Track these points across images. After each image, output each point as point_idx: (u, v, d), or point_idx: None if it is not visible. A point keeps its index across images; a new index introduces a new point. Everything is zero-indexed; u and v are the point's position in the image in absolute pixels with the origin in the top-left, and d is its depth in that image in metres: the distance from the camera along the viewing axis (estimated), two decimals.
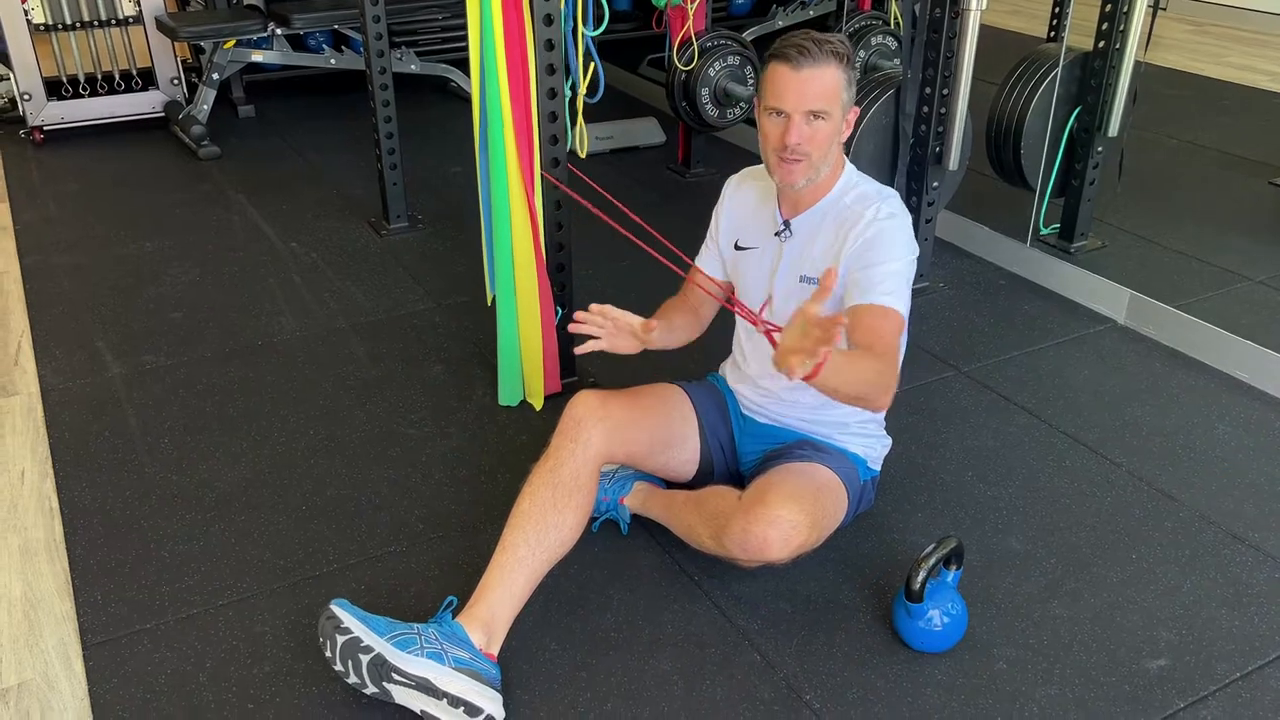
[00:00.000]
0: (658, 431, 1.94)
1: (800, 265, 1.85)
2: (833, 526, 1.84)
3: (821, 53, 1.69)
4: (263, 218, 3.52)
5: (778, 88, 1.71)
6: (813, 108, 1.70)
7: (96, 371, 2.58)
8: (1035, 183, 3.06)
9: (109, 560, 1.94)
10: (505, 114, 2.15)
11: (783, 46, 1.71)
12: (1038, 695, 1.65)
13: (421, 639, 1.59)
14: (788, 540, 1.69)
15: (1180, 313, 2.67)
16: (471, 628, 1.63)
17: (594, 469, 1.80)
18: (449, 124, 4.40)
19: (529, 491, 1.76)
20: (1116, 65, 2.87)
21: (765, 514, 1.69)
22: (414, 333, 2.77)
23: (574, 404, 1.85)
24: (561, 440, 1.81)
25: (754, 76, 3.63)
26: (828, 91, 1.70)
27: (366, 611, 1.62)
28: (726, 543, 1.74)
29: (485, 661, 1.62)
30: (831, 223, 1.82)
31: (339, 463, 2.23)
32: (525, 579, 1.70)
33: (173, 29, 4.09)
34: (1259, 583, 1.88)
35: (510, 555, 1.70)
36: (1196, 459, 2.23)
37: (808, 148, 1.73)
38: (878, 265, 1.73)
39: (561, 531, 1.73)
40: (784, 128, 1.72)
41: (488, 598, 1.68)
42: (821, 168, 1.77)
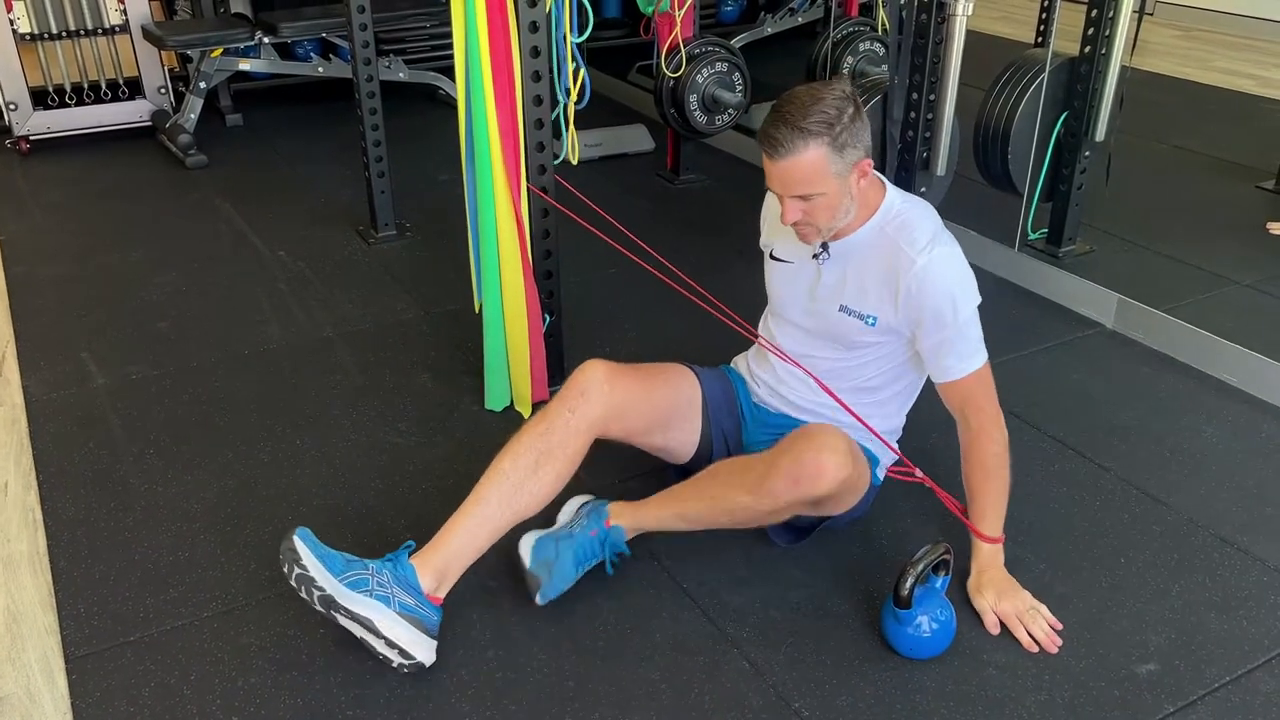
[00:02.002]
0: (660, 411, 1.94)
1: (841, 295, 1.86)
2: (861, 484, 1.84)
3: (797, 138, 1.65)
4: (250, 226, 3.50)
5: (767, 172, 1.73)
6: (797, 193, 1.71)
7: (81, 382, 2.57)
8: (1023, 188, 3.06)
9: (93, 572, 1.93)
10: (491, 121, 2.15)
11: (763, 130, 1.69)
12: (1028, 701, 1.65)
13: (374, 579, 1.66)
14: (841, 466, 1.71)
15: (1168, 317, 2.68)
16: (424, 572, 1.69)
17: (585, 440, 1.81)
18: (437, 132, 4.39)
19: (513, 449, 1.78)
20: (1103, 70, 2.88)
21: (816, 442, 1.73)
22: (402, 341, 2.76)
23: (581, 371, 1.86)
24: (560, 406, 1.81)
25: (742, 83, 3.63)
26: (808, 176, 1.68)
27: (327, 548, 1.67)
28: (773, 482, 1.72)
29: (429, 608, 1.68)
30: (876, 256, 1.81)
31: (326, 472, 2.21)
32: (488, 534, 1.75)
33: (159, 38, 4.08)
34: (1248, 586, 1.88)
35: (480, 509, 1.74)
36: (1185, 463, 2.23)
37: (808, 219, 1.75)
38: (950, 329, 1.77)
39: (535, 495, 1.76)
40: (782, 206, 1.75)
41: (447, 546, 1.72)
42: (837, 225, 1.79)
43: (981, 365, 1.82)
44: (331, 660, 1.72)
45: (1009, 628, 1.77)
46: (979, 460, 1.83)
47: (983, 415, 1.83)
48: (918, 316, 1.79)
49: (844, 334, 1.88)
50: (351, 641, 1.71)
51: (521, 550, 1.82)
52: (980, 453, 1.83)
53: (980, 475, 1.84)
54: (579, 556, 1.82)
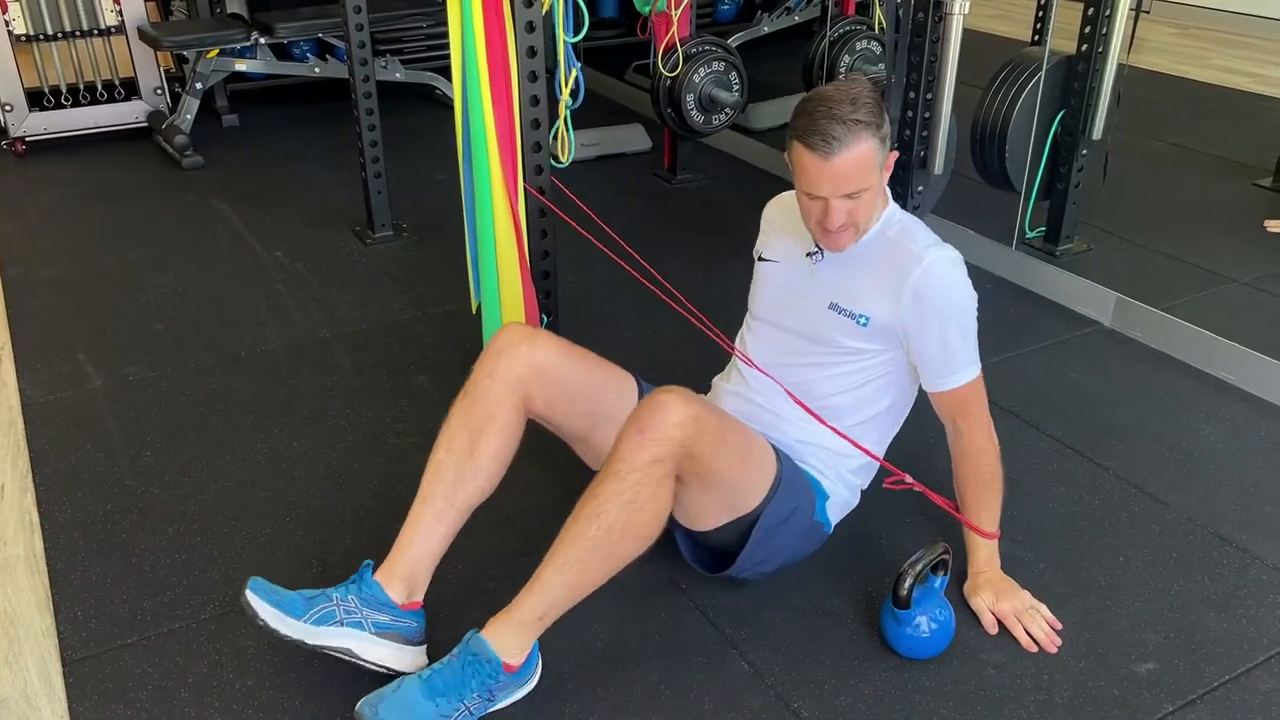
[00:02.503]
0: (585, 390, 1.79)
1: (834, 293, 1.78)
2: (735, 460, 1.65)
3: (850, 133, 1.58)
4: (247, 227, 3.50)
5: (810, 176, 1.63)
6: (849, 191, 1.63)
7: (78, 384, 2.56)
8: (1020, 186, 3.06)
9: (90, 575, 1.92)
10: (488, 122, 2.14)
11: (808, 131, 1.59)
12: (1026, 701, 1.65)
13: (340, 608, 1.61)
14: (685, 403, 1.54)
15: (1166, 315, 2.67)
16: (392, 584, 1.64)
17: (514, 404, 1.70)
18: (434, 131, 4.38)
19: (444, 437, 1.70)
20: (1100, 68, 2.88)
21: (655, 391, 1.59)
22: (399, 342, 2.75)
23: (498, 334, 1.76)
24: (478, 375, 1.72)
25: (739, 82, 3.63)
26: (862, 170, 1.61)
27: (283, 592, 1.62)
28: (621, 446, 1.53)
29: (406, 616, 1.64)
30: (878, 259, 1.75)
31: (323, 474, 2.21)
32: (445, 531, 1.68)
33: (155, 38, 4.07)
34: (1246, 585, 1.88)
35: (429, 508, 1.67)
36: (1183, 461, 2.23)
37: (851, 221, 1.68)
38: (952, 333, 1.72)
39: (479, 479, 1.69)
40: (823, 209, 1.65)
41: (407, 553, 1.67)
42: (870, 226, 1.74)
43: (977, 375, 1.78)
44: (331, 662, 1.71)
45: (1008, 627, 1.76)
46: (973, 471, 1.81)
47: (975, 425, 1.79)
48: (919, 318, 1.72)
49: (828, 335, 1.79)
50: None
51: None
52: (974, 464, 1.80)
53: (975, 486, 1.82)
54: (433, 689, 1.53)
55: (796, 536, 1.80)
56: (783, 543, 1.78)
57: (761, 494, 1.71)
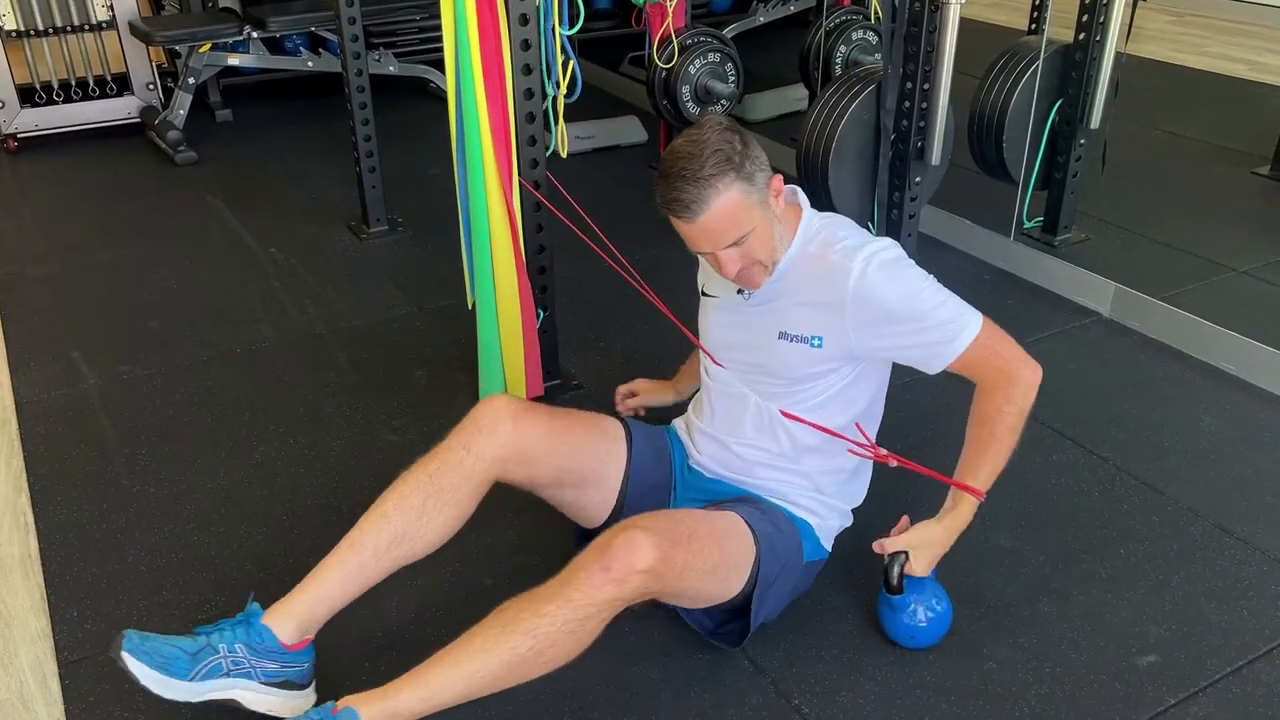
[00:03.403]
0: (572, 462, 1.73)
1: (779, 322, 1.68)
2: (708, 570, 1.58)
3: (706, 189, 1.50)
4: (241, 223, 3.48)
5: (686, 238, 1.59)
6: (725, 242, 1.55)
7: (72, 383, 2.54)
8: (1018, 176, 3.05)
9: (85, 575, 1.91)
10: (482, 115, 2.12)
11: (666, 198, 1.54)
12: (1028, 695, 1.64)
13: (227, 661, 1.54)
14: (658, 540, 1.48)
15: (1165, 305, 2.66)
16: (283, 625, 1.57)
17: (482, 483, 1.64)
18: (429, 125, 4.36)
19: (398, 490, 1.62)
20: (1097, 57, 2.86)
21: (625, 523, 1.53)
22: (395, 338, 2.74)
23: (483, 404, 1.68)
24: (453, 443, 1.64)
25: (735, 74, 3.61)
26: (734, 221, 1.54)
27: (162, 646, 1.53)
28: (581, 574, 1.46)
29: (296, 659, 1.58)
30: (808, 279, 1.65)
31: (320, 471, 2.20)
32: (360, 585, 1.60)
33: (147, 33, 4.04)
34: (1248, 576, 1.87)
35: (354, 556, 1.59)
36: (1183, 452, 2.22)
37: (749, 261, 1.59)
38: (923, 322, 1.61)
39: (416, 544, 1.61)
40: (714, 262, 1.60)
41: (313, 594, 1.59)
42: (779, 255, 1.64)
43: (979, 327, 1.63)
44: (326, 662, 1.70)
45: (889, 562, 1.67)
46: (984, 415, 1.66)
47: (1005, 375, 1.63)
48: (878, 326, 1.62)
49: (788, 364, 1.69)
50: (346, 643, 1.70)
51: None
52: (990, 408, 1.64)
53: (984, 431, 1.66)
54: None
55: (793, 583, 1.75)
56: (781, 591, 1.72)
57: (743, 580, 1.64)
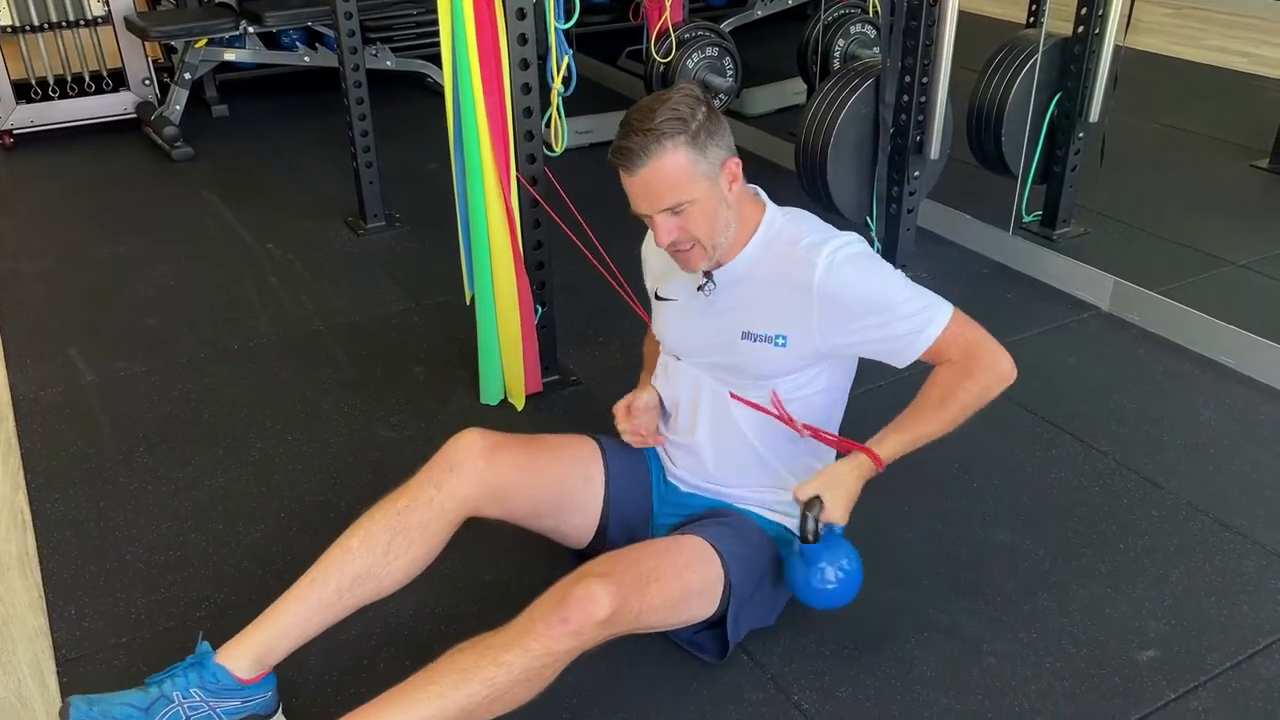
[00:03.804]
0: (548, 492, 1.70)
1: (741, 321, 1.63)
2: (670, 606, 1.54)
3: (650, 142, 1.47)
4: (238, 219, 3.47)
5: (628, 193, 1.55)
6: (666, 205, 1.51)
7: (69, 380, 2.54)
8: (1017, 170, 3.04)
9: (83, 573, 1.91)
10: (479, 110, 2.12)
11: (613, 148, 1.51)
12: (1028, 690, 1.64)
13: (185, 707, 1.51)
14: (617, 589, 1.44)
15: (1164, 298, 2.66)
16: (237, 662, 1.53)
17: (452, 521, 1.60)
18: (426, 120, 4.34)
19: (364, 526, 1.58)
20: (1096, 50, 2.85)
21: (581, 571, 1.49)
22: (393, 334, 2.73)
23: (455, 441, 1.64)
24: (424, 480, 1.60)
25: (733, 68, 3.60)
26: (674, 181, 1.49)
27: (113, 697, 1.51)
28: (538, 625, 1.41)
29: (257, 691, 1.55)
30: (771, 274, 1.60)
31: (318, 468, 2.19)
32: (321, 622, 1.57)
33: (142, 29, 4.03)
34: (1247, 571, 1.87)
35: (316, 592, 1.55)
36: (1182, 446, 2.22)
37: (687, 236, 1.55)
38: (890, 314, 1.56)
39: (381, 582, 1.57)
40: (654, 227, 1.56)
41: (269, 632, 1.55)
42: (721, 240, 1.58)
43: (949, 316, 1.57)
44: (325, 659, 1.70)
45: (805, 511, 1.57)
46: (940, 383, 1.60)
47: (969, 356, 1.58)
48: (845, 322, 1.57)
49: (753, 364, 1.64)
50: (341, 641, 1.70)
51: None
52: (950, 379, 1.59)
53: (934, 395, 1.60)
54: None
55: (778, 591, 1.72)
56: (764, 602, 1.70)
57: (713, 604, 1.60)
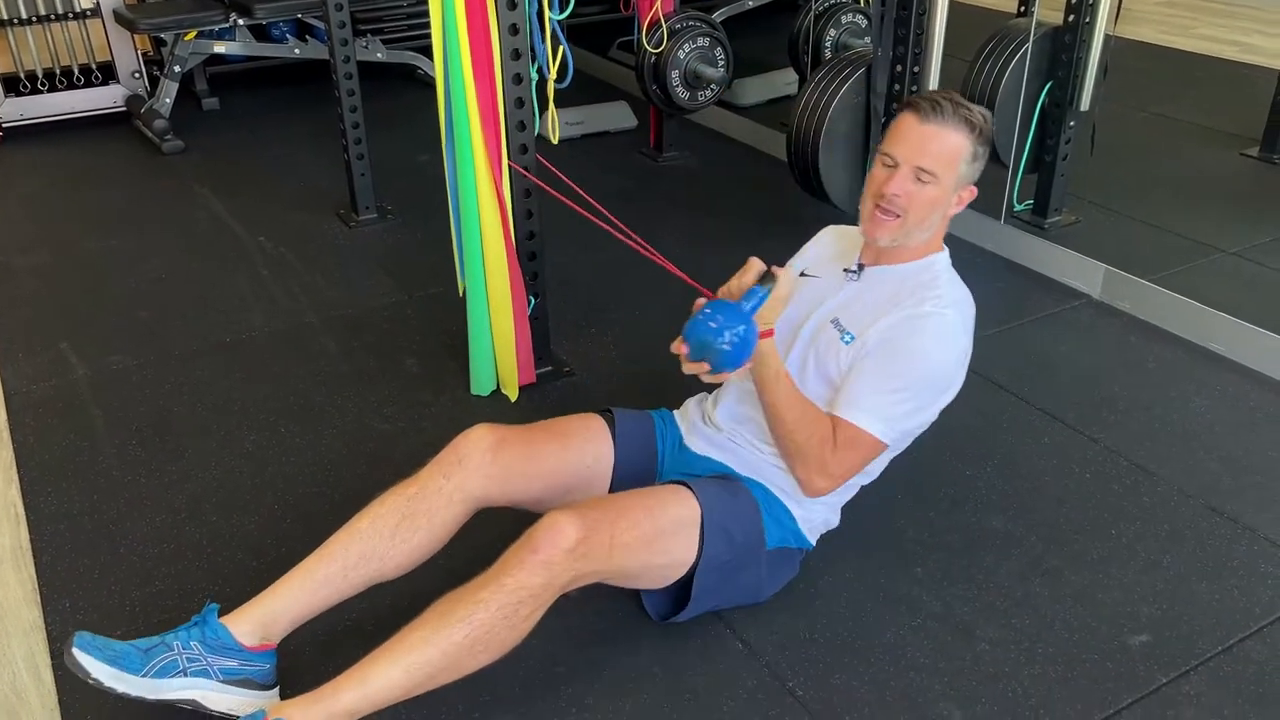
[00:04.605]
0: (557, 478, 1.75)
1: (842, 311, 1.71)
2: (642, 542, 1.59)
3: (954, 114, 1.60)
4: (229, 212, 3.46)
5: (897, 135, 1.64)
6: (924, 165, 1.61)
7: (61, 374, 2.53)
8: (1008, 159, 3.05)
9: (77, 566, 1.91)
10: (470, 101, 2.11)
11: (921, 99, 1.63)
12: (1021, 675, 1.65)
13: (183, 656, 1.53)
14: (580, 521, 1.50)
15: (1155, 286, 2.67)
16: (241, 627, 1.57)
17: (459, 512, 1.66)
18: (417, 112, 4.33)
19: (375, 510, 1.64)
20: (1087, 39, 2.86)
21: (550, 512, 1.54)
22: (385, 326, 2.73)
23: (464, 436, 1.71)
24: (434, 471, 1.67)
25: (724, 58, 3.60)
26: (945, 154, 1.61)
27: (115, 645, 1.53)
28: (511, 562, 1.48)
29: (257, 659, 1.57)
30: (898, 292, 1.68)
31: (311, 460, 2.19)
32: (326, 598, 1.61)
33: (131, 21, 4.01)
34: (1238, 555, 1.88)
35: (322, 568, 1.60)
36: (1173, 433, 2.23)
37: (905, 204, 1.63)
38: (894, 369, 1.62)
39: (386, 564, 1.62)
40: (889, 176, 1.63)
41: (276, 602, 1.59)
42: (915, 233, 1.66)
43: (875, 436, 1.62)
44: (322, 650, 1.71)
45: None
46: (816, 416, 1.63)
47: (836, 448, 1.62)
48: (878, 347, 1.64)
49: (821, 350, 1.70)
50: (341, 631, 1.70)
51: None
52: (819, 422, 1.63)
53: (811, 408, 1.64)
54: None
55: (758, 569, 1.73)
56: (741, 583, 1.72)
57: (685, 563, 1.64)
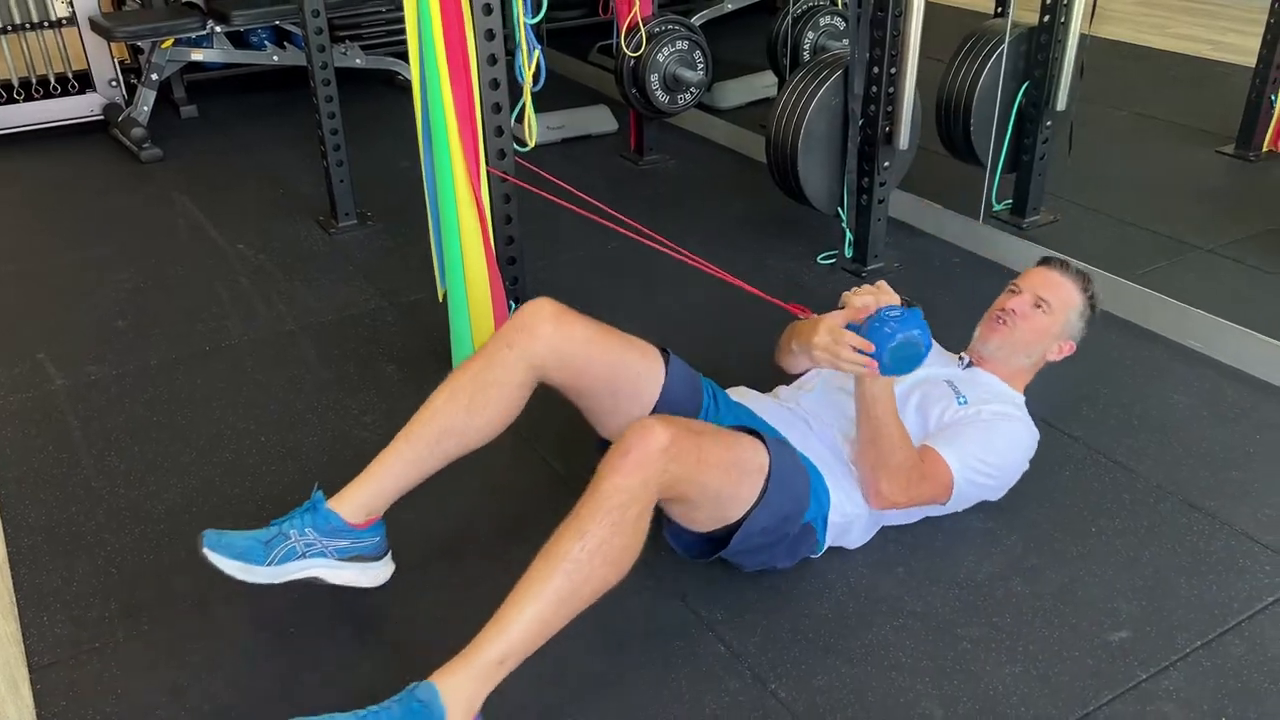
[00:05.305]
0: (610, 372, 1.77)
1: (954, 378, 1.96)
2: (722, 465, 1.63)
3: (1076, 273, 2.00)
4: (208, 220, 3.44)
5: (1027, 275, 2.02)
6: (1044, 294, 1.95)
7: (39, 384, 2.51)
8: (986, 159, 3.06)
9: (55, 579, 1.89)
10: (447, 106, 2.11)
11: (1058, 260, 2.05)
12: (1002, 674, 1.65)
13: (300, 543, 1.66)
14: (668, 425, 1.53)
15: (1132, 284, 2.68)
16: (347, 509, 1.68)
17: (525, 379, 1.72)
18: (397, 117, 4.31)
19: (449, 386, 1.72)
20: (1062, 39, 2.87)
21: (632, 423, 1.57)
22: (366, 332, 2.72)
23: (527, 306, 1.77)
24: (499, 341, 1.74)
25: (703, 61, 3.60)
26: (1063, 295, 1.97)
27: (238, 538, 1.66)
28: (605, 468, 1.51)
29: (366, 536, 1.70)
30: (993, 393, 1.96)
31: (291, 469, 2.18)
32: (418, 474, 1.72)
33: (107, 29, 3.99)
34: (1216, 550, 1.90)
35: (410, 448, 1.70)
36: (1153, 429, 2.25)
37: (1019, 321, 1.95)
38: (988, 446, 1.86)
39: (467, 437, 1.71)
40: (1011, 296, 1.98)
41: (370, 486, 1.70)
42: (1017, 352, 1.98)
43: (951, 482, 1.82)
44: (302, 658, 1.70)
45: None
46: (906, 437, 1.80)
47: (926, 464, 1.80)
48: (991, 418, 1.90)
49: (929, 393, 1.93)
50: (323, 636, 1.70)
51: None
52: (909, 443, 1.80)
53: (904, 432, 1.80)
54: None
55: (785, 538, 1.77)
56: (769, 541, 1.75)
57: (750, 499, 1.68)
